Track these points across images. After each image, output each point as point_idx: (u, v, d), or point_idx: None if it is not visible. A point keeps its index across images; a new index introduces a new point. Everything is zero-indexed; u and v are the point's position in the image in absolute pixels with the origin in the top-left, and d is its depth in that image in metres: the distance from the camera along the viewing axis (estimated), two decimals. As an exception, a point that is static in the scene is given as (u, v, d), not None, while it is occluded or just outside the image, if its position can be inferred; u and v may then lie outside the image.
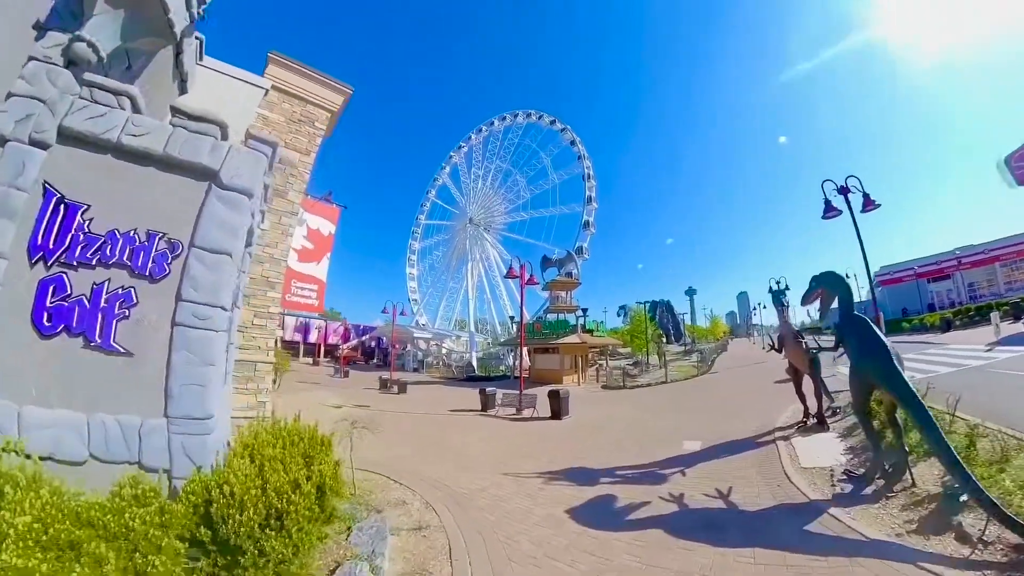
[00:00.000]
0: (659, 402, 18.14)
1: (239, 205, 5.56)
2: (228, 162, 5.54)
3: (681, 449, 9.84)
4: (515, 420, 15.09)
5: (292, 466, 4.94)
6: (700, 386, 22.12)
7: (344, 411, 17.19)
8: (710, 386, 21.47)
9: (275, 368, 22.71)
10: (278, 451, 5.22)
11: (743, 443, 9.96)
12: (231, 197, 5.50)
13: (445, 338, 59.39)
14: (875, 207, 12.88)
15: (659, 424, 13.10)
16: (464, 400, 21.68)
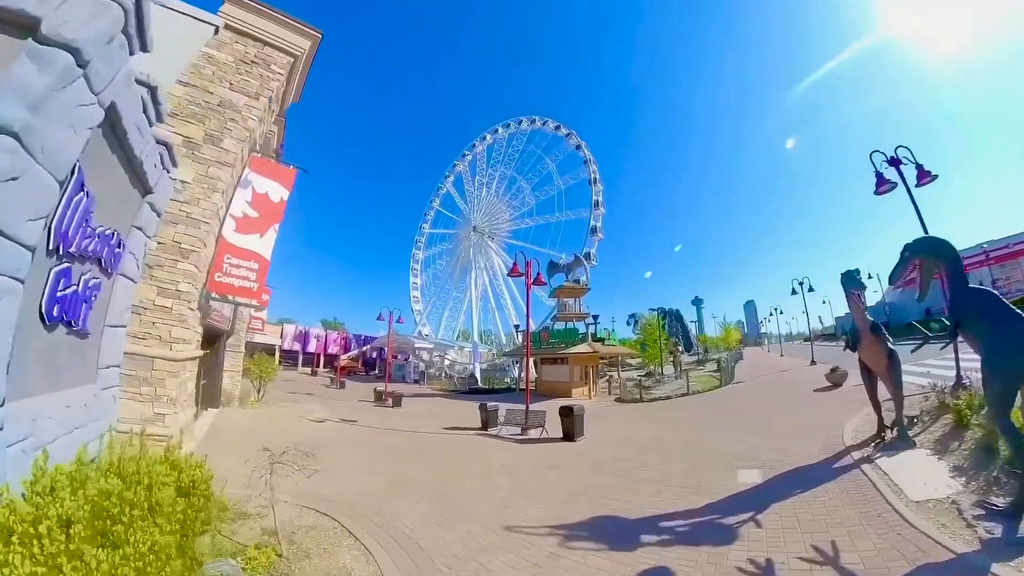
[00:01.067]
0: (687, 418, 15.86)
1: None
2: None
3: (737, 482, 7.62)
4: (520, 442, 12.82)
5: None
6: (728, 398, 19.78)
7: (323, 428, 15.11)
8: (740, 398, 19.13)
9: (258, 377, 20.92)
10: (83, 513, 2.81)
11: (815, 470, 7.76)
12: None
13: (448, 349, 57.30)
14: (931, 179, 10.88)
15: (697, 446, 10.80)
16: (463, 416, 19.47)
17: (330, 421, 16.22)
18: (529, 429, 13.72)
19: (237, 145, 6.93)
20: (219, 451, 10.46)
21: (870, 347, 8.92)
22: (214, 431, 12.95)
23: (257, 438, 12.39)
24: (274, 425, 14.73)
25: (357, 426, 15.56)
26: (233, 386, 18.11)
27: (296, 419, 16.28)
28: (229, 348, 18.10)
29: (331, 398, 27.28)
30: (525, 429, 13.77)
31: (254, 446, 11.66)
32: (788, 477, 7.63)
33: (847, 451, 8.55)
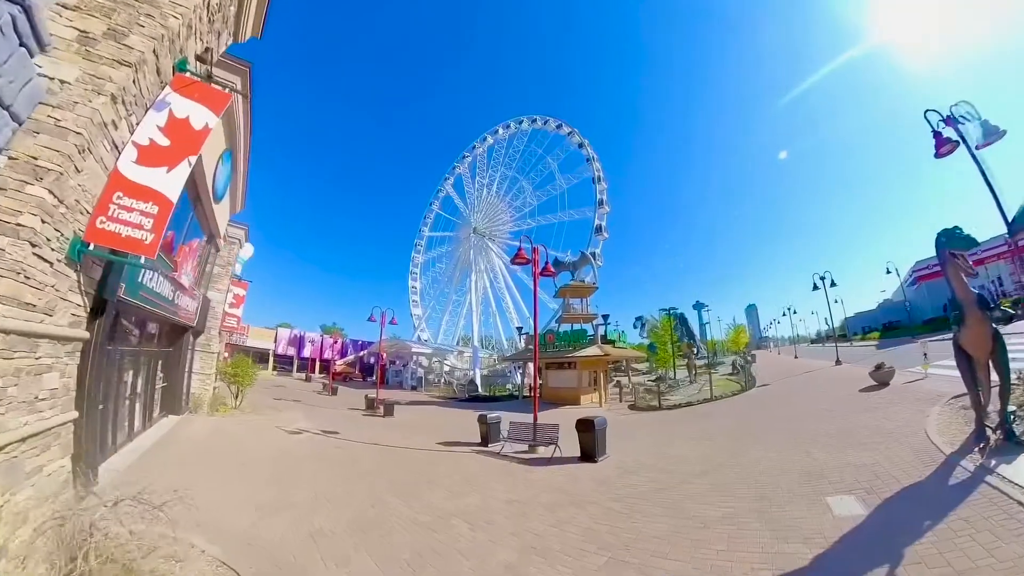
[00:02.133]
0: (722, 428, 13.76)
1: None
2: None
3: (835, 516, 5.57)
4: (528, 462, 10.60)
5: None
6: (760, 403, 17.69)
7: (296, 441, 13.07)
8: (774, 402, 17.04)
9: (236, 381, 18.88)
10: None
11: (928, 490, 5.79)
12: None
13: (447, 354, 55.22)
14: (998, 136, 8.99)
15: (753, 466, 8.66)
16: (461, 427, 17.41)
17: (309, 433, 14.17)
18: (539, 446, 11.65)
19: (147, 44, 5.00)
20: (156, 469, 8.47)
21: (976, 327, 6.94)
22: (164, 444, 10.93)
23: (212, 453, 10.38)
24: (240, 437, 12.71)
25: (337, 439, 13.50)
26: (203, 391, 16.10)
27: (270, 430, 14.25)
28: (199, 348, 16.12)
29: (319, 405, 25.22)
30: (533, 446, 11.69)
31: (203, 464, 9.68)
32: (899, 503, 5.64)
33: (949, 460, 6.65)
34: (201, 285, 15.50)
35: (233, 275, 18.07)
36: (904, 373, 15.60)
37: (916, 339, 37.80)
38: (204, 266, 15.53)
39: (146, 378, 12.21)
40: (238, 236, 18.29)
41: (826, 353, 47.88)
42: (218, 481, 8.15)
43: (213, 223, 14.48)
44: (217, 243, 16.46)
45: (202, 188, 12.07)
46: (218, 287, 17.06)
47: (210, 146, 11.42)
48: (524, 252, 13.18)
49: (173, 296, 11.06)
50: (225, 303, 17.60)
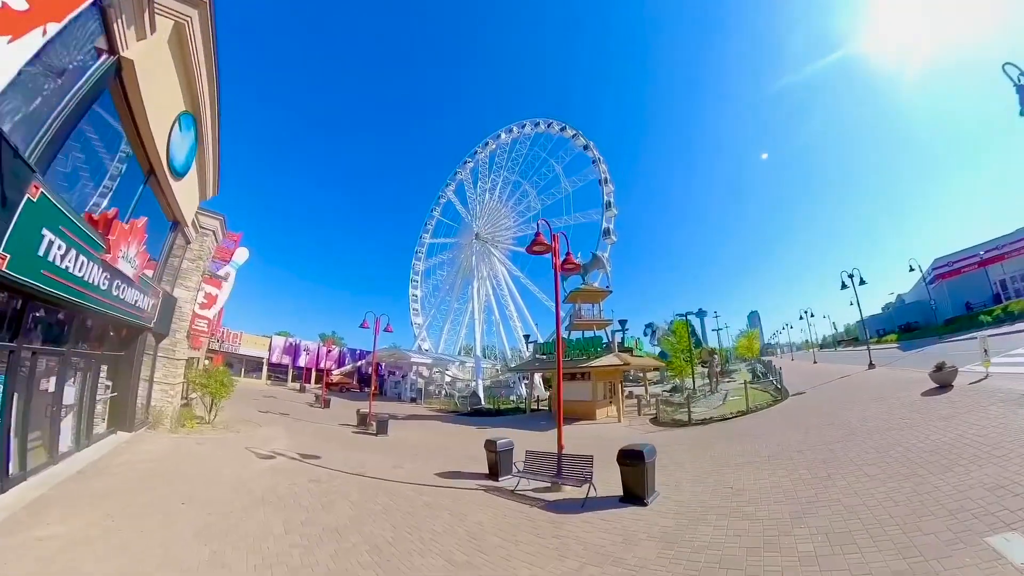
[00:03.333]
0: (779, 448, 11.41)
1: None
2: None
3: (1017, 567, 3.39)
4: (554, 507, 8.19)
5: None
6: (807, 413, 15.23)
7: (262, 470, 10.80)
8: (826, 412, 14.57)
9: (208, 392, 16.55)
10: None
11: None
12: None
13: (448, 364, 52.84)
14: None
15: (856, 502, 6.41)
16: (464, 449, 15.05)
17: (283, 457, 11.85)
18: (565, 484, 9.28)
19: None
20: (59, 509, 6.27)
21: None
22: (94, 471, 8.69)
23: (148, 485, 8.07)
24: (196, 463, 10.43)
25: (314, 468, 11.11)
26: (166, 403, 13.84)
27: (238, 452, 11.96)
28: (162, 354, 13.90)
29: (307, 420, 22.89)
30: (560, 483, 9.33)
31: (127, 502, 7.34)
32: None
33: None
34: (163, 279, 13.34)
35: (207, 272, 15.92)
36: (962, 373, 13.54)
37: (943, 339, 36.13)
38: (167, 258, 13.38)
39: (83, 387, 10.00)
40: (212, 227, 16.18)
41: (845, 357, 45.88)
42: (132, 532, 5.91)
43: (175, 206, 12.39)
44: (186, 233, 14.35)
45: (153, 156, 9.99)
46: (187, 284, 14.90)
47: (159, 99, 9.35)
48: (543, 237, 11.02)
49: (109, 286, 8.90)
50: (195, 303, 15.44)
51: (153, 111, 8.96)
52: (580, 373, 24.86)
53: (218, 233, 16.73)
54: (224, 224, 16.84)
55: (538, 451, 10.14)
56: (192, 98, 11.14)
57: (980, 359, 13.91)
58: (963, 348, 21.19)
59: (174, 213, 12.90)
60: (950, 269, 51.51)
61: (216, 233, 16.62)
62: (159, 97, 9.23)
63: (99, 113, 8.36)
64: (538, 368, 27.36)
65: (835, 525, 5.88)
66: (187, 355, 15.60)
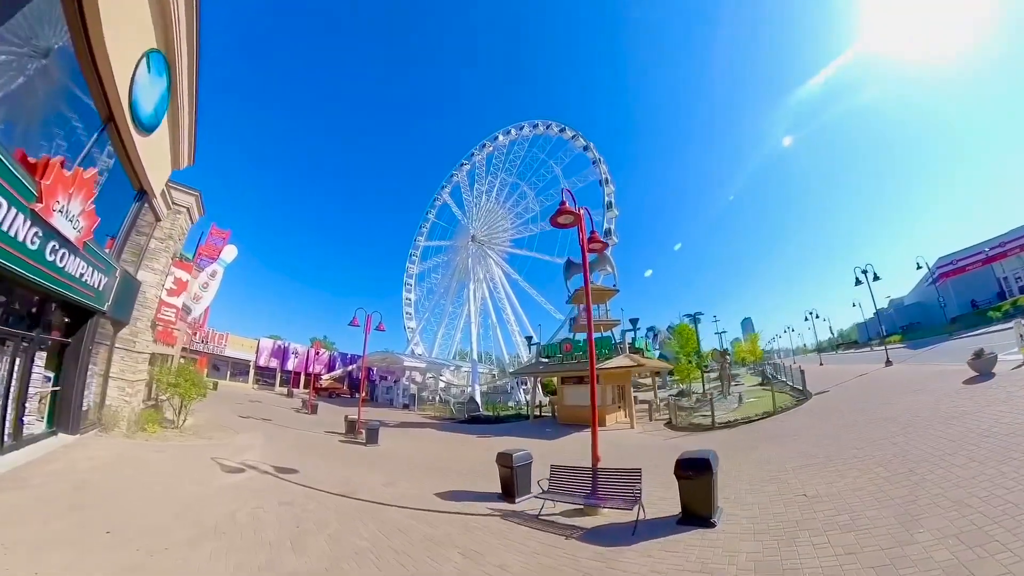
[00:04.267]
0: (835, 448, 9.83)
1: None
2: None
3: None
4: (597, 537, 6.41)
5: None
6: (842, 410, 13.54)
7: (224, 487, 8.97)
8: (863, 408, 12.94)
9: (177, 392, 14.53)
10: None
11: None
12: None
13: (443, 369, 50.83)
14: None
15: (968, 506, 5.12)
16: (466, 460, 13.35)
17: (254, 470, 9.95)
18: (604, 506, 7.50)
19: None
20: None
21: None
22: (12, 480, 6.85)
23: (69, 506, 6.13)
24: (145, 474, 8.58)
25: (289, 484, 9.18)
26: (124, 402, 11.92)
27: (202, 463, 10.08)
28: (120, 345, 12.02)
29: (291, 426, 20.93)
30: (596, 505, 7.60)
31: (27, 531, 5.18)
32: None
33: None
34: (123, 256, 11.48)
35: (178, 255, 14.06)
36: (1015, 358, 13.59)
37: (953, 336, 35.58)
38: (130, 230, 11.52)
39: (9, 376, 8.12)
40: (187, 204, 14.37)
41: (851, 359, 44.52)
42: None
43: (141, 170, 10.62)
44: (155, 207, 12.54)
45: (112, 96, 8.26)
46: (153, 267, 13.05)
47: (123, 23, 7.62)
48: (568, 206, 9.40)
49: (42, 246, 7.13)
50: (163, 288, 13.55)
51: (114, 37, 7.27)
52: (588, 376, 23.15)
53: (193, 211, 14.88)
54: (200, 201, 14.99)
55: (566, 466, 8.41)
56: (166, 39, 9.46)
57: (1016, 346, 14.17)
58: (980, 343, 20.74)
59: (140, 179, 11.11)
60: (954, 267, 51.50)
61: (191, 211, 14.78)
62: (123, 21, 7.54)
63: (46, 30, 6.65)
64: (542, 372, 25.62)
65: (957, 524, 4.86)
66: (151, 349, 13.64)
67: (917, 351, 31.17)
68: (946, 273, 52.27)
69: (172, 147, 12.16)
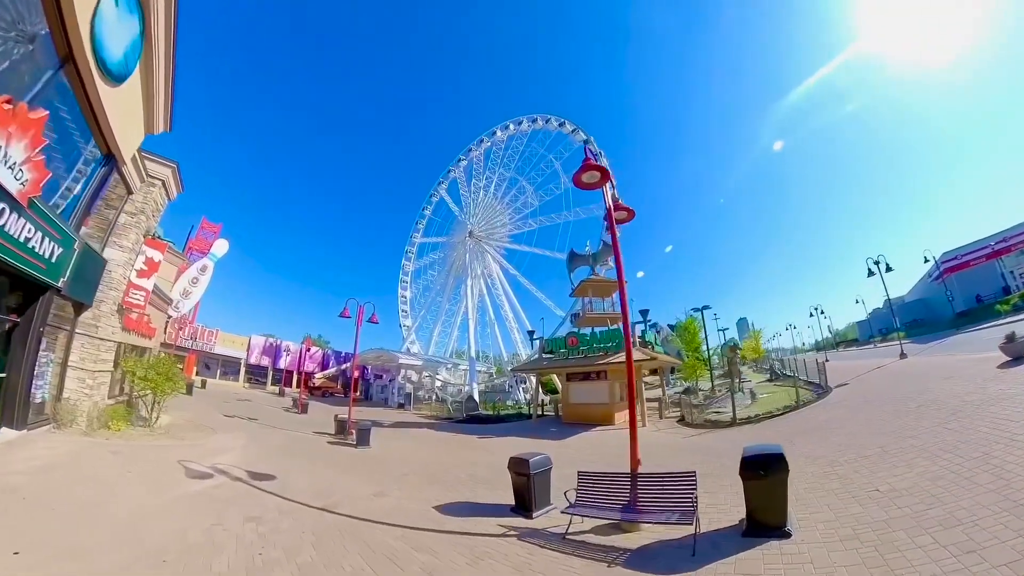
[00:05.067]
0: (887, 437, 8.80)
1: None
2: None
3: None
4: (649, 567, 4.97)
5: None
6: (872, 401, 12.46)
7: (183, 497, 7.64)
8: (898, 398, 11.88)
9: (149, 386, 13.08)
10: None
11: None
12: None
13: (439, 367, 49.48)
14: None
15: None
16: (469, 468, 11.92)
17: (224, 476, 8.62)
18: (650, 520, 6.01)
19: None
20: None
21: None
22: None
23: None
24: (93, 480, 7.25)
25: (262, 494, 7.81)
26: (84, 395, 10.54)
27: (166, 467, 8.74)
28: (81, 330, 10.65)
29: (278, 426, 19.55)
30: (634, 520, 6.25)
31: None
32: None
33: None
34: (83, 230, 10.12)
35: (150, 233, 12.68)
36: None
37: (962, 330, 35.29)
38: (93, 198, 10.14)
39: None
40: (162, 176, 13.02)
41: (857, 355, 43.53)
42: None
43: (107, 127, 9.29)
44: (125, 176, 11.20)
45: (71, 28, 6.96)
46: (121, 244, 11.70)
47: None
48: (592, 161, 8.18)
49: None
50: (132, 269, 12.18)
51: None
52: (595, 372, 21.94)
53: (170, 185, 13.51)
54: (178, 175, 13.62)
55: (599, 472, 7.14)
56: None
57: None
58: (991, 335, 20.52)
59: (107, 140, 9.77)
60: (959, 262, 51.41)
61: (167, 185, 13.42)
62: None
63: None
64: (546, 368, 24.35)
65: None
66: (118, 336, 12.20)
67: (926, 345, 30.55)
68: (950, 268, 52.10)
69: (146, 107, 10.82)
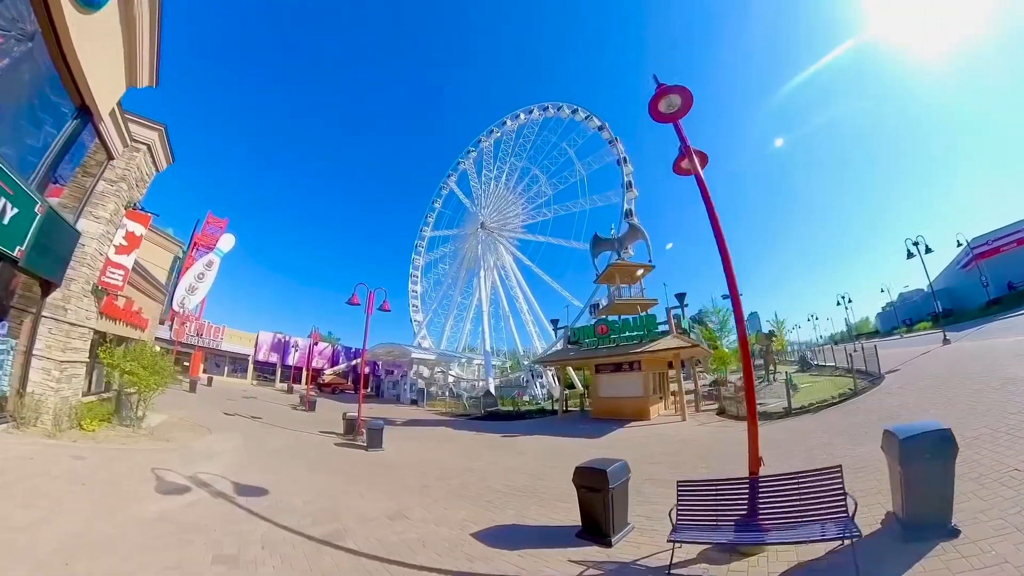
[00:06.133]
0: (996, 418, 7.01)
1: None
2: None
3: None
4: None
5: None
6: (945, 384, 10.41)
7: (152, 515, 5.89)
8: (976, 374, 9.96)
9: (133, 381, 9.94)
10: None
11: None
12: None
13: (452, 361, 47.90)
14: None
15: None
16: (502, 473, 10.06)
17: (204, 490, 6.90)
18: (789, 536, 4.18)
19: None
20: None
21: None
22: None
23: None
24: (30, 493, 5.60)
25: (246, 515, 6.03)
26: (51, 390, 8.92)
27: (135, 479, 7.08)
28: (48, 312, 9.03)
29: (282, 425, 17.96)
30: (756, 542, 4.26)
31: None
32: None
33: None
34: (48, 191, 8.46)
35: (131, 204, 11.01)
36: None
37: (997, 317, 33.27)
38: (60, 154, 8.45)
39: None
40: (148, 140, 11.35)
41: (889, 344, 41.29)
42: None
43: (78, 70, 7.60)
44: (103, 136, 9.54)
45: None
46: (98, 214, 10.05)
47: None
48: (665, 86, 6.32)
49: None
50: (110, 244, 10.54)
51: None
52: (628, 363, 20.06)
53: (157, 151, 11.83)
54: (166, 140, 11.90)
55: (701, 481, 5.32)
56: None
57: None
58: None
59: (78, 86, 8.10)
60: (989, 248, 49.05)
61: (154, 151, 11.73)
62: None
63: None
64: (573, 359, 22.53)
65: None
66: (94, 323, 10.50)
67: (961, 333, 28.46)
68: (981, 254, 49.91)
69: (127, 53, 9.10)
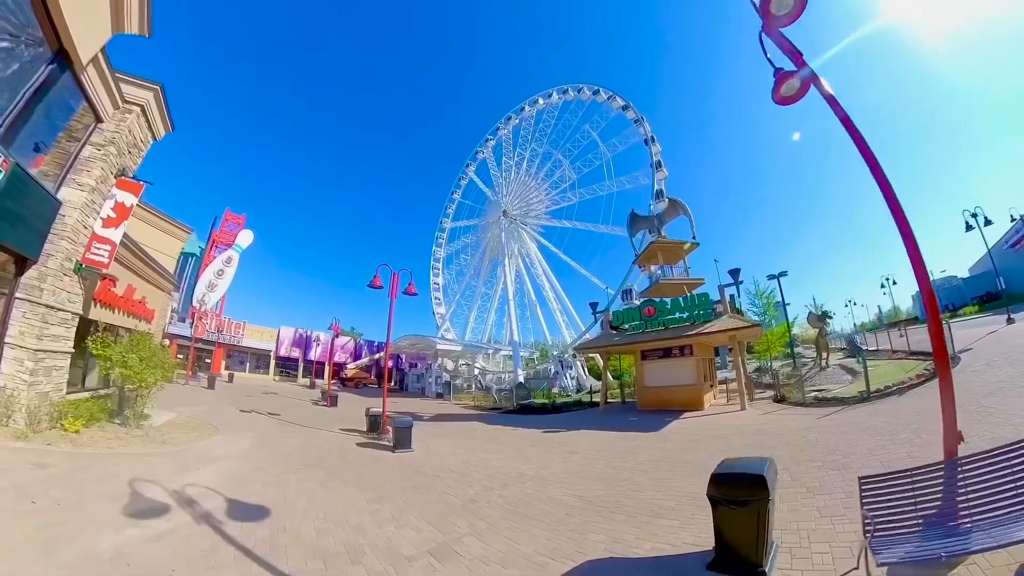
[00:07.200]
0: None
1: None
2: None
3: None
4: None
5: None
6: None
7: (103, 555, 4.15)
8: None
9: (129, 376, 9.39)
10: None
11: None
12: None
13: (478, 353, 46.50)
14: None
15: None
16: (563, 478, 8.33)
17: (188, 512, 5.32)
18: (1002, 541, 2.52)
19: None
20: None
21: None
22: None
23: None
24: None
25: (231, 556, 4.42)
26: (24, 383, 7.57)
27: (105, 493, 5.59)
28: (23, 293, 7.68)
29: (300, 423, 16.60)
30: (959, 551, 2.59)
31: None
32: None
33: None
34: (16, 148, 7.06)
35: (121, 172, 9.57)
36: None
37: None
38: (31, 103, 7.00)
39: None
40: (141, 101, 9.92)
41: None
42: None
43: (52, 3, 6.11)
44: (83, 85, 8.12)
45: None
46: (82, 181, 8.66)
47: None
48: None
49: None
50: (96, 215, 9.13)
51: None
52: (678, 347, 18.10)
53: (151, 113, 10.38)
54: (161, 98, 10.39)
55: (892, 474, 3.49)
56: None
57: None
58: None
59: (55, 27, 6.64)
60: None
61: (149, 113, 10.29)
62: None
63: None
64: (617, 345, 20.58)
65: None
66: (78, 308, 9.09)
67: (1019, 314, 25.49)
68: (1020, 241, 46.52)
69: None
